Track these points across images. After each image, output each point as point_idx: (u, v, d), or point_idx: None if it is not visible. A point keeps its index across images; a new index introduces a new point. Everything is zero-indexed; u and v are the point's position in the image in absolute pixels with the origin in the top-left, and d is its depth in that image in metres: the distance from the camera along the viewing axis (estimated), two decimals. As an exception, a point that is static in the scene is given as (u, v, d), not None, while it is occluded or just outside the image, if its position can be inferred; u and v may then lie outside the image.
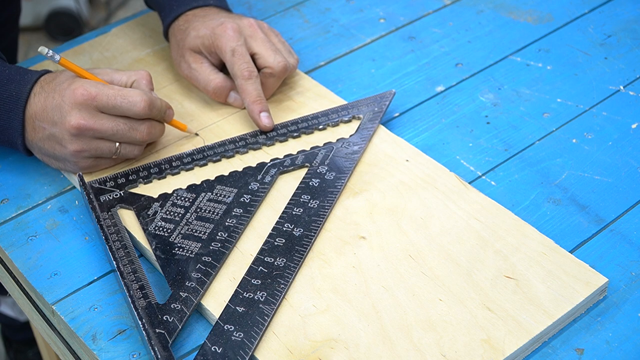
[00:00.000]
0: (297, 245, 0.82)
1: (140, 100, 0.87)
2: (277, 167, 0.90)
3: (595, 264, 0.81)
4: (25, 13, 2.55)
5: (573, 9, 1.13)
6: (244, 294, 0.78)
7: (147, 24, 1.12)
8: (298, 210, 0.85)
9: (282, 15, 1.14)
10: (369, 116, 0.96)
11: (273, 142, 0.94)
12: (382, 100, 0.97)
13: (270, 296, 0.77)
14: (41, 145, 0.88)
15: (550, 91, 1.01)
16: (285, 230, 0.83)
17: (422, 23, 1.12)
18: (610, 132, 0.96)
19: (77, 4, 2.57)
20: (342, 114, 0.96)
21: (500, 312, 0.76)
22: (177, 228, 0.84)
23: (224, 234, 0.83)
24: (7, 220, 0.88)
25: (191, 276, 0.79)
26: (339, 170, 0.89)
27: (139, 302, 0.77)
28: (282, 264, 0.80)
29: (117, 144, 0.88)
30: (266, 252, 0.81)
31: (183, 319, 0.76)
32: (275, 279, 0.79)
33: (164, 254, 0.82)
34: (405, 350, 0.73)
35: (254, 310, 0.76)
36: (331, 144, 0.93)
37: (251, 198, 0.87)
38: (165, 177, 0.91)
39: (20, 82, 0.88)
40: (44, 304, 0.82)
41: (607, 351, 0.75)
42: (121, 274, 0.79)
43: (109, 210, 0.86)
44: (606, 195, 0.88)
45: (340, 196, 0.87)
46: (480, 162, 0.93)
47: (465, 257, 0.81)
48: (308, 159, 0.91)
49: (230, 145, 0.93)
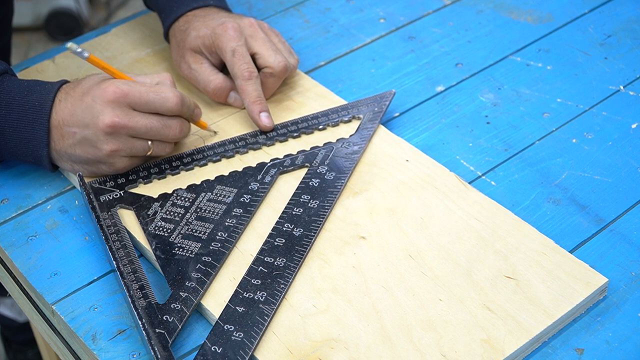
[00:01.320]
0: (297, 245, 0.82)
1: (173, 95, 0.86)
2: (277, 167, 0.90)
3: (595, 264, 0.81)
4: (25, 13, 2.55)
5: (573, 9, 1.13)
6: (244, 294, 0.78)
7: (147, 24, 1.12)
8: (298, 210, 0.85)
9: (282, 15, 1.14)
10: (369, 116, 0.96)
11: (273, 142, 0.94)
12: (382, 100, 0.97)
13: (270, 296, 0.77)
14: (72, 152, 0.86)
15: (550, 91, 1.01)
16: (285, 230, 0.83)
17: (422, 23, 1.12)
18: (610, 132, 0.96)
19: (77, 4, 2.57)
20: (342, 114, 0.96)
21: (500, 312, 0.76)
22: (177, 228, 0.84)
23: (224, 234, 0.83)
24: (7, 220, 0.88)
25: (191, 276, 0.79)
26: (339, 170, 0.89)
27: (139, 302, 0.77)
28: (282, 264, 0.80)
29: (149, 142, 0.87)
30: (266, 252, 0.81)
31: (183, 319, 0.76)
32: (275, 279, 0.79)
33: (164, 254, 0.82)
34: (405, 350, 0.73)
35: (254, 310, 0.76)
36: (331, 144, 0.93)
37: (251, 198, 0.87)
38: (166, 177, 0.91)
39: (42, 92, 0.86)
40: (44, 304, 0.82)
41: (607, 351, 0.75)
42: (121, 274, 0.79)
43: (109, 210, 0.86)
44: (606, 195, 0.88)
45: (340, 196, 0.87)
46: (480, 162, 0.93)
47: (465, 257, 0.81)
48: (308, 159, 0.91)
49: (230, 145, 0.93)
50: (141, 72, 1.04)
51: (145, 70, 1.04)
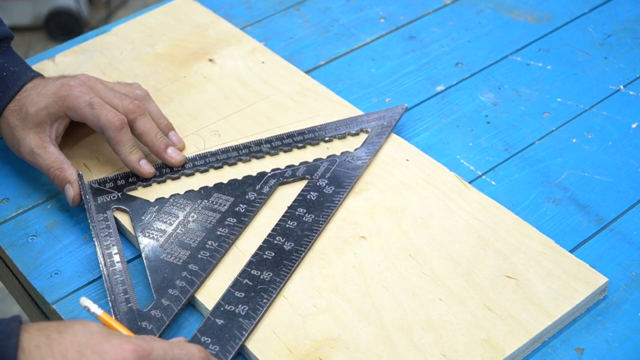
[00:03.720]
0: (285, 259, 0.80)
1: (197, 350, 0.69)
2: (277, 178, 0.89)
3: (595, 263, 0.81)
4: (25, 13, 2.55)
5: (573, 9, 1.13)
6: (225, 306, 0.76)
7: (147, 23, 1.12)
8: (292, 223, 0.84)
9: (282, 15, 1.14)
10: (377, 130, 0.93)
11: (277, 151, 0.92)
12: (393, 115, 0.95)
13: (251, 310, 0.76)
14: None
15: (550, 91, 1.01)
16: (277, 243, 0.82)
17: (422, 23, 1.12)
18: (610, 131, 0.96)
19: (77, 3, 2.57)
20: (350, 126, 0.94)
21: (500, 312, 0.76)
22: (169, 234, 0.83)
23: (214, 243, 0.82)
24: (7, 220, 0.88)
25: (175, 284, 0.78)
26: (339, 185, 0.87)
27: (120, 306, 0.76)
28: (268, 278, 0.79)
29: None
30: (254, 265, 0.80)
31: (161, 328, 0.75)
32: (259, 293, 0.77)
33: (152, 260, 0.81)
34: (405, 350, 0.73)
35: (233, 324, 0.75)
36: (335, 157, 0.91)
37: (247, 208, 0.86)
38: (165, 181, 0.90)
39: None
40: (44, 304, 0.82)
41: (607, 351, 0.75)
42: (105, 278, 0.79)
43: (105, 211, 0.86)
44: (606, 195, 0.88)
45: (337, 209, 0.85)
46: (480, 161, 0.93)
47: (466, 256, 0.81)
48: (309, 171, 0.89)
49: (234, 153, 0.92)
50: (141, 71, 1.04)
51: (145, 70, 1.04)
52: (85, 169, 0.91)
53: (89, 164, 0.92)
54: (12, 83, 0.91)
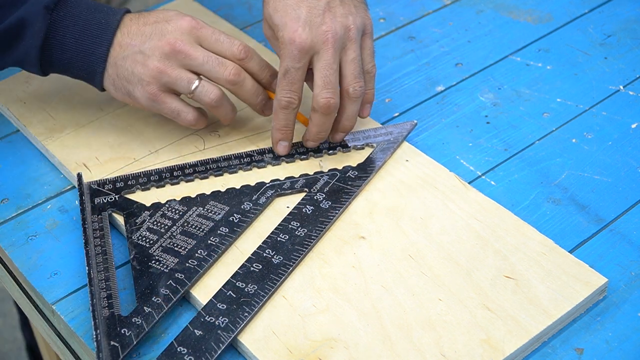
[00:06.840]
0: (272, 273, 0.79)
1: (239, 43, 0.88)
2: (275, 189, 0.88)
3: (595, 263, 0.81)
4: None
5: (573, 9, 1.13)
6: (205, 317, 0.76)
7: (147, 24, 1.12)
8: (283, 236, 0.83)
9: (282, 15, 1.14)
10: (382, 146, 0.92)
11: (279, 162, 0.91)
12: (401, 132, 0.93)
13: (231, 323, 0.75)
14: (121, 63, 0.87)
15: (550, 91, 1.01)
16: (265, 256, 0.81)
17: (422, 23, 1.12)
18: (610, 132, 0.96)
19: (77, 3, 2.57)
20: (356, 140, 0.93)
21: (499, 312, 0.76)
22: (160, 240, 0.82)
23: (203, 252, 0.81)
24: (7, 220, 0.88)
25: (159, 292, 0.78)
26: (335, 200, 0.86)
27: (102, 311, 0.76)
28: (252, 291, 0.78)
29: (196, 82, 0.87)
30: (240, 277, 0.79)
31: (140, 335, 0.74)
32: (240, 306, 0.76)
33: (139, 265, 0.80)
34: (405, 350, 0.73)
35: (211, 336, 0.74)
36: (335, 171, 0.90)
37: (240, 218, 0.84)
38: (164, 186, 0.89)
39: (109, 12, 0.88)
40: (44, 304, 0.82)
41: (607, 351, 0.75)
42: (90, 281, 0.78)
43: (100, 213, 0.85)
44: (606, 195, 0.88)
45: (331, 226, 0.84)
46: (480, 162, 0.93)
47: (465, 256, 0.81)
48: (308, 184, 0.88)
49: (235, 161, 0.91)
50: (141, 72, 1.04)
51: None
52: (85, 169, 0.91)
53: (89, 164, 0.92)
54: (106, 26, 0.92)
